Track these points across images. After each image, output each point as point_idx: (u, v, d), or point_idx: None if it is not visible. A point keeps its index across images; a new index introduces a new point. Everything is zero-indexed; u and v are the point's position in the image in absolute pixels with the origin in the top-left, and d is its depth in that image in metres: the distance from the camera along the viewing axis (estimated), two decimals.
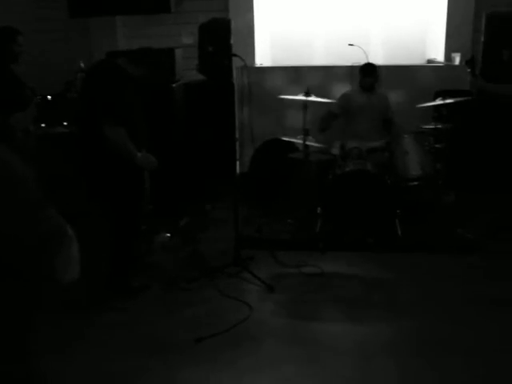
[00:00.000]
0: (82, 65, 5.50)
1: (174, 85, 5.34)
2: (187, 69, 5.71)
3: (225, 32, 5.79)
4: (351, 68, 5.90)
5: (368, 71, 5.47)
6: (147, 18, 6.16)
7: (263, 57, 6.54)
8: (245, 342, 3.30)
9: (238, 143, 4.54)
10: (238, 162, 4.58)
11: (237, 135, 4.72)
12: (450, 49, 6.15)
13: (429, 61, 6.39)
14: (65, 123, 5.01)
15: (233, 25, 5.91)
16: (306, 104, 4.83)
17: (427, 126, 5.07)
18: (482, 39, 5.70)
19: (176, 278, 4.09)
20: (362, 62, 5.60)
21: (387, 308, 3.74)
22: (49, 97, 5.10)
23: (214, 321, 3.51)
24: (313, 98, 4.78)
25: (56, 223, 1.47)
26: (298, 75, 6.20)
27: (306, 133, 4.83)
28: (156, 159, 3.78)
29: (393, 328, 3.47)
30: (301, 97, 4.79)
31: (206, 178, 5.49)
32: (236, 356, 3.16)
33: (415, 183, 5.00)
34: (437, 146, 4.97)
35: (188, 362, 3.10)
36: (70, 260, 1.50)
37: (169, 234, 4.80)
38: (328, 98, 5.16)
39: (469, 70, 4.97)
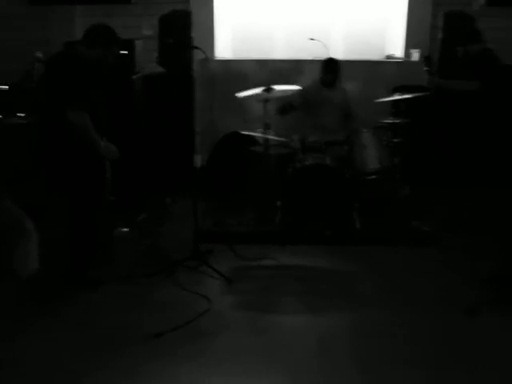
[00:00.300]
0: (40, 55, 5.39)
1: (134, 76, 5.29)
2: (148, 61, 5.67)
3: (185, 24, 5.78)
4: (312, 62, 5.93)
5: (330, 67, 5.50)
6: (107, 9, 6.06)
7: (224, 49, 6.51)
8: (205, 336, 3.30)
9: (198, 136, 4.52)
10: (198, 156, 4.55)
11: (197, 128, 4.73)
12: (408, 45, 6.26)
13: (388, 56, 6.48)
14: (22, 114, 4.90)
15: (193, 17, 5.91)
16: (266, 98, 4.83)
17: (385, 121, 5.15)
18: (440, 37, 5.85)
19: (135, 272, 4.06)
20: (323, 56, 5.63)
21: (346, 299, 3.81)
22: (5, 87, 4.99)
23: (174, 315, 3.50)
24: (275, 90, 4.73)
25: (14, 216, 1.46)
26: (259, 68, 6.21)
27: (266, 126, 4.84)
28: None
29: (352, 319, 3.53)
30: (260, 91, 4.74)
31: (165, 171, 5.46)
32: (196, 350, 3.16)
33: (373, 177, 5.07)
34: (395, 140, 5.06)
35: (148, 357, 3.07)
36: (29, 253, 1.49)
37: (127, 229, 4.77)
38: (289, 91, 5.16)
39: (426, 68, 5.06)
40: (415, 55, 6.06)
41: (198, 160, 4.53)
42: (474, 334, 3.34)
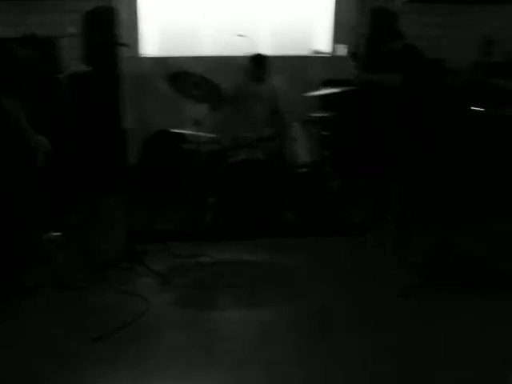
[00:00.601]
0: None
1: (59, 75, 5.12)
2: (73, 59, 5.51)
3: (110, 21, 5.65)
4: (241, 58, 5.93)
5: (258, 63, 5.53)
6: (24, 5, 5.84)
7: (151, 46, 6.42)
8: (145, 337, 3.25)
9: (127, 135, 4.44)
10: (127, 154, 4.48)
11: (126, 126, 4.63)
12: (335, 40, 6.38)
13: (315, 52, 6.58)
14: None
15: (117, 13, 5.79)
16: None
17: (315, 115, 5.23)
18: (365, 32, 6.00)
19: (69, 276, 3.95)
20: (252, 52, 5.64)
21: (283, 291, 3.84)
22: None
23: (112, 318, 3.42)
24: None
25: None
26: (187, 65, 6.12)
27: (196, 123, 4.81)
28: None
29: (292, 309, 3.58)
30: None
31: (95, 171, 5.33)
32: (136, 352, 3.10)
33: (304, 170, 5.14)
34: (324, 133, 5.15)
35: (87, 363, 2.99)
36: None
37: (59, 233, 4.62)
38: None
39: (353, 63, 5.18)
40: (342, 50, 6.18)
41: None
42: (407, 315, 3.50)
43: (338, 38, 6.40)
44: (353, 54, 5.34)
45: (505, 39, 5.22)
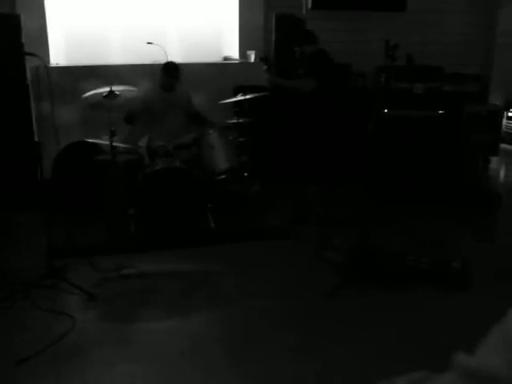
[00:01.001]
0: None
1: None
2: None
3: (14, 29, 5.43)
4: (151, 66, 5.89)
5: (169, 71, 5.41)
6: None
7: (58, 55, 6.23)
8: (72, 355, 3.16)
9: (40, 147, 4.28)
10: (40, 167, 4.31)
11: (36, 138, 4.47)
12: (244, 47, 6.48)
13: (225, 58, 6.65)
14: None
15: (22, 21, 5.57)
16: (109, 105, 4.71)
17: (230, 121, 5.30)
18: (273, 38, 6.14)
19: None
20: (161, 60, 5.59)
21: (212, 299, 3.87)
22: None
23: (35, 338, 3.30)
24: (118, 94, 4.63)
25: None
26: (96, 74, 6.00)
27: (112, 134, 4.72)
28: None
29: (221, 316, 3.63)
30: (103, 91, 4.61)
31: (6, 184, 5.10)
32: (65, 370, 3.02)
33: (223, 176, 5.18)
34: (240, 139, 5.23)
35: None
36: None
37: None
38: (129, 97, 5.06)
39: (265, 67, 5.29)
40: (252, 56, 6.29)
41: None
42: (334, 312, 3.65)
43: (246, 44, 6.51)
44: (265, 59, 5.46)
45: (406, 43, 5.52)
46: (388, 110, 5.82)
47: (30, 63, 5.42)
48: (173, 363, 3.10)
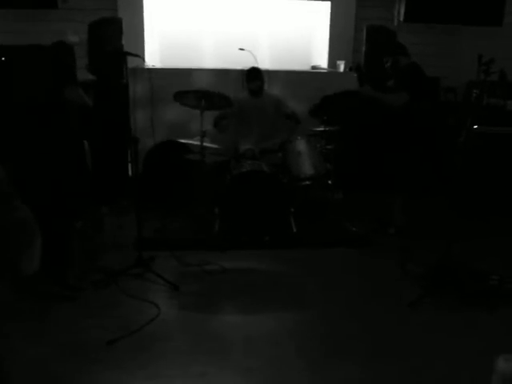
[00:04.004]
0: None
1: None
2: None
3: (116, 31, 5.72)
4: (242, 72, 6.02)
5: (252, 76, 5.58)
6: (30, 14, 5.89)
7: (152, 57, 6.48)
8: (156, 342, 3.30)
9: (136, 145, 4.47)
10: (133, 164, 4.51)
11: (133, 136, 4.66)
12: (333, 56, 6.51)
13: (313, 67, 6.70)
14: None
15: (123, 24, 5.85)
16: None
17: (317, 129, 5.35)
18: (364, 49, 6.14)
19: (79, 283, 3.99)
20: (248, 66, 5.72)
21: (289, 299, 3.92)
22: None
23: (123, 323, 3.47)
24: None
25: (25, 215, 1.45)
26: (191, 77, 6.19)
27: (202, 134, 4.88)
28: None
29: (296, 318, 3.66)
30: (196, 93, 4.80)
31: (100, 180, 5.36)
32: (148, 356, 3.15)
33: (307, 182, 5.23)
34: (328, 147, 5.26)
35: (100, 366, 3.04)
36: (35, 253, 1.48)
37: None
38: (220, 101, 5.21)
39: (355, 74, 5.31)
40: (341, 66, 6.31)
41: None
42: (413, 326, 3.58)
43: (335, 54, 6.54)
44: (354, 69, 5.46)
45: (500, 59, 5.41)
46: (478, 126, 5.68)
47: (129, 64, 5.66)
48: (249, 358, 3.17)
